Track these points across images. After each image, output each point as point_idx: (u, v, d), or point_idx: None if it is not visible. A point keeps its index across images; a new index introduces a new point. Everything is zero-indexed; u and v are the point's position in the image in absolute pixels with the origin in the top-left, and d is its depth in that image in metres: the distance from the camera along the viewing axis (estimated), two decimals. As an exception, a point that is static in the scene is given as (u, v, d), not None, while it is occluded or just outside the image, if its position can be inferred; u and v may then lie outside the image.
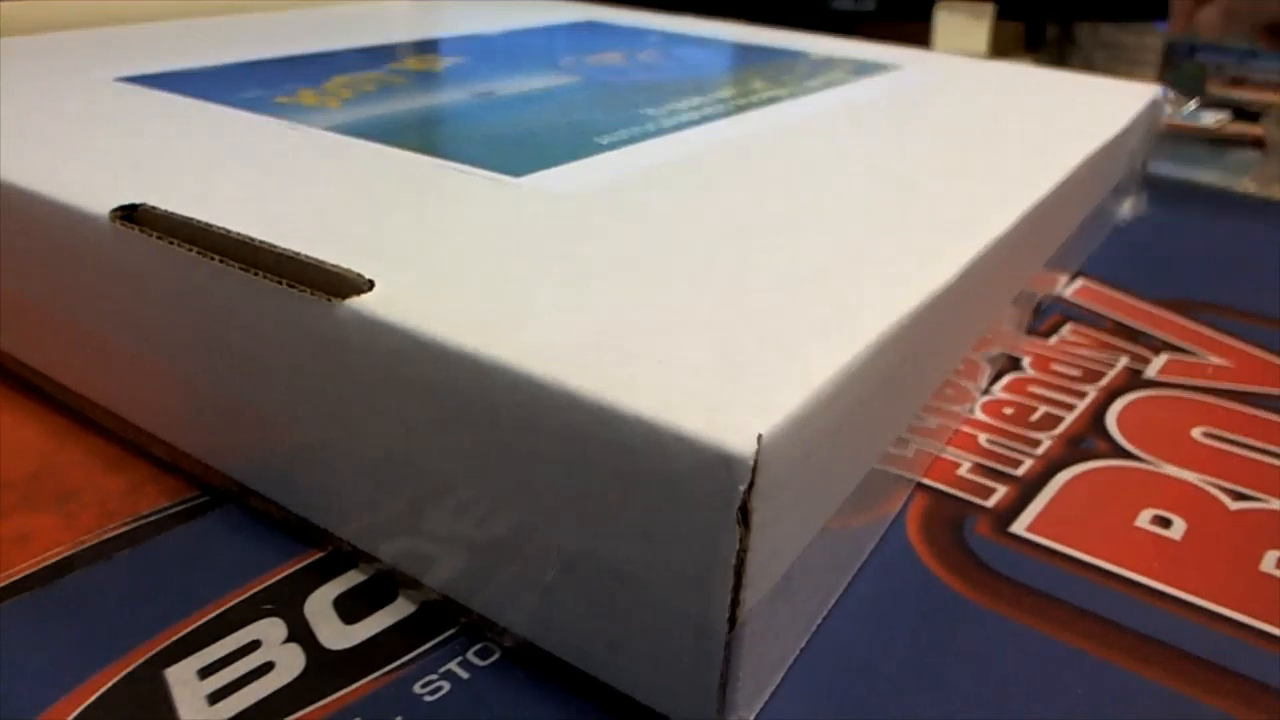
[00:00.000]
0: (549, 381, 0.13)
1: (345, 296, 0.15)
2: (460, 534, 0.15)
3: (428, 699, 0.15)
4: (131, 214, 0.18)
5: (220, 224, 0.17)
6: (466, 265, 0.16)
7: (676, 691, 0.14)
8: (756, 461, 0.12)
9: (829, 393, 0.13)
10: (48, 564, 0.17)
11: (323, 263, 0.16)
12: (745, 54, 0.39)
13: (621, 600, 0.14)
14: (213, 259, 0.16)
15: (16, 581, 0.16)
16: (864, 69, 0.36)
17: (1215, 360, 0.26)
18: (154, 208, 0.18)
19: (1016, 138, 0.27)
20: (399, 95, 0.28)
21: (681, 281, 0.16)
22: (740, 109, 0.28)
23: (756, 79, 0.33)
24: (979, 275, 0.19)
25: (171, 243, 0.17)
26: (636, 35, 0.41)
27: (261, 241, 0.16)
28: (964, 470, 0.21)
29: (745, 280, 0.16)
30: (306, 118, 0.25)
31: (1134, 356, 0.26)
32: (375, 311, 0.15)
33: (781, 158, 0.24)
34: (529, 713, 0.14)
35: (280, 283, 0.15)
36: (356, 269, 0.15)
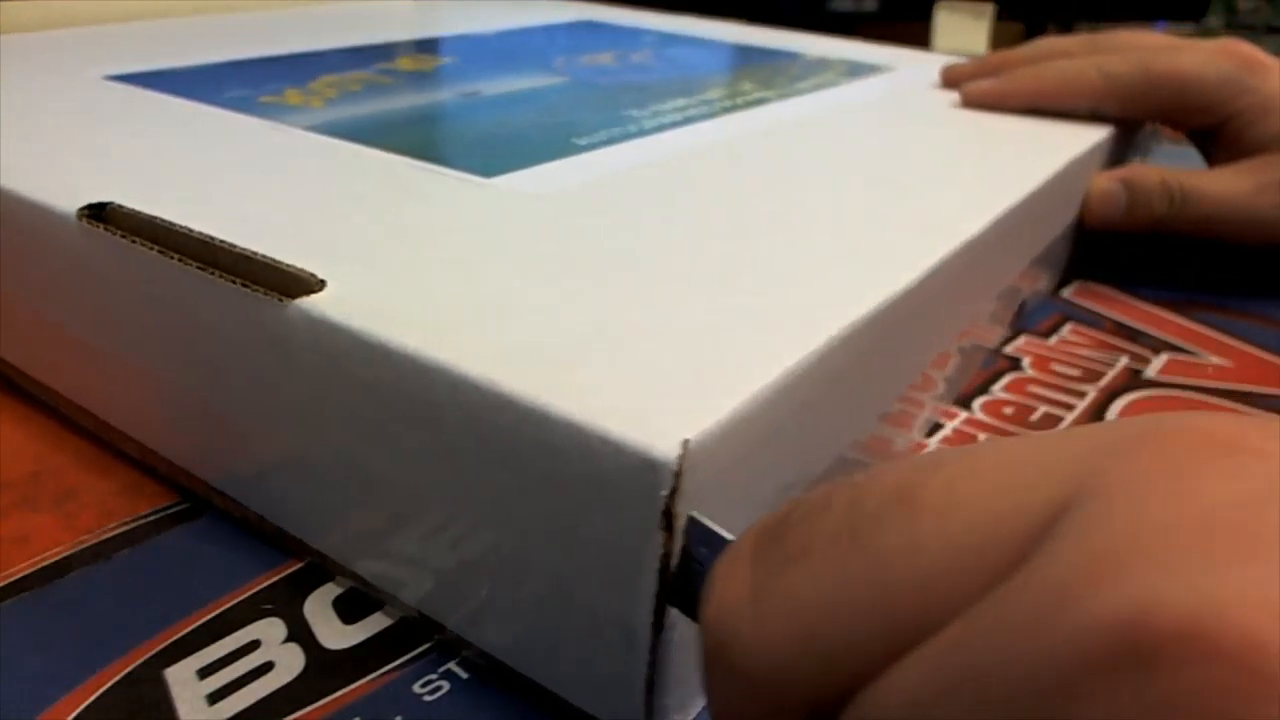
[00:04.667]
0: (484, 383, 0.13)
1: (296, 296, 0.15)
2: (407, 536, 0.15)
3: (427, 699, 0.15)
4: (100, 212, 0.18)
5: (186, 223, 0.17)
6: (421, 266, 0.16)
7: (606, 695, 0.14)
8: (681, 467, 0.12)
9: (768, 398, 0.13)
10: (48, 564, 0.17)
11: (278, 262, 0.16)
12: (740, 55, 0.38)
13: (554, 602, 0.14)
14: (173, 258, 0.16)
15: (16, 581, 0.16)
16: (857, 70, 0.36)
17: (1215, 360, 0.26)
18: (121, 206, 0.18)
19: (1001, 141, 0.27)
20: (384, 95, 0.28)
21: (633, 284, 0.16)
22: (725, 111, 0.28)
23: (746, 80, 0.33)
24: (945, 279, 0.18)
25: (135, 241, 0.17)
26: (633, 35, 0.41)
27: (221, 241, 0.16)
28: (964, 470, 0.21)
29: (698, 284, 0.16)
30: (288, 117, 0.25)
31: (1134, 356, 0.26)
32: (324, 311, 0.15)
33: (757, 161, 0.24)
34: (529, 713, 0.14)
35: (235, 282, 0.15)
36: (314, 268, 0.15)
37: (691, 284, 0.16)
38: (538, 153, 0.23)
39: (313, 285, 0.15)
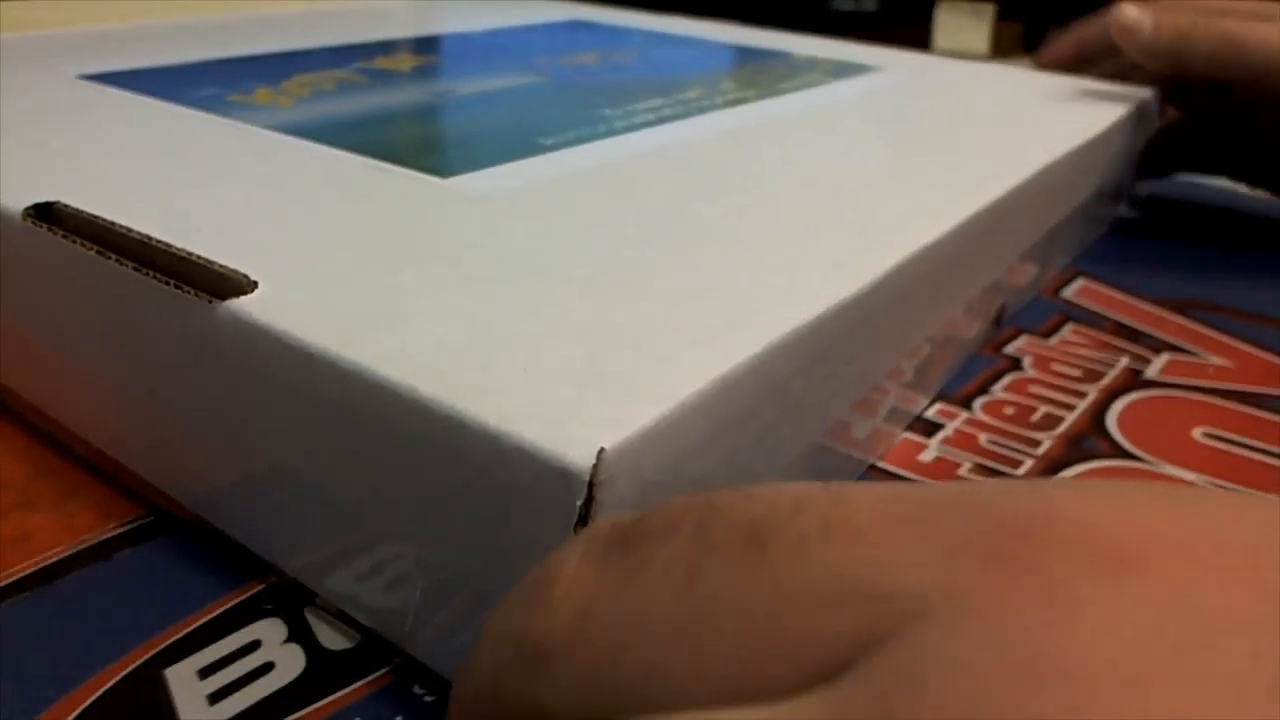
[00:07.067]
0: (402, 388, 0.13)
1: (227, 297, 0.15)
2: (337, 544, 0.15)
3: (428, 699, 0.15)
4: (45, 212, 0.18)
5: (129, 222, 0.17)
6: (355, 267, 0.16)
7: None
8: (595, 477, 0.11)
9: (698, 405, 0.13)
10: (48, 564, 0.17)
11: (211, 262, 0.15)
12: (727, 55, 0.38)
13: (479, 615, 0.13)
14: (110, 258, 0.16)
15: (16, 581, 0.16)
16: (844, 71, 0.35)
17: (1215, 360, 0.26)
18: (66, 205, 0.18)
19: (975, 145, 0.26)
20: (355, 94, 0.28)
21: (570, 287, 0.16)
22: (700, 111, 0.28)
23: (727, 81, 0.33)
24: (899, 285, 0.18)
25: (75, 241, 0.17)
26: (621, 35, 0.41)
27: (158, 240, 0.16)
28: (965, 470, 0.21)
29: (637, 287, 0.16)
30: (253, 116, 0.25)
31: (1134, 356, 0.26)
32: (252, 313, 0.14)
33: (719, 161, 0.23)
34: (529, 713, 0.14)
35: (168, 283, 0.15)
36: (250, 269, 0.15)
37: (626, 288, 0.16)
38: (499, 152, 0.23)
39: (244, 286, 0.15)
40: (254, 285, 0.15)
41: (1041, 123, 0.29)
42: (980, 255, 0.23)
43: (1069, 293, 0.30)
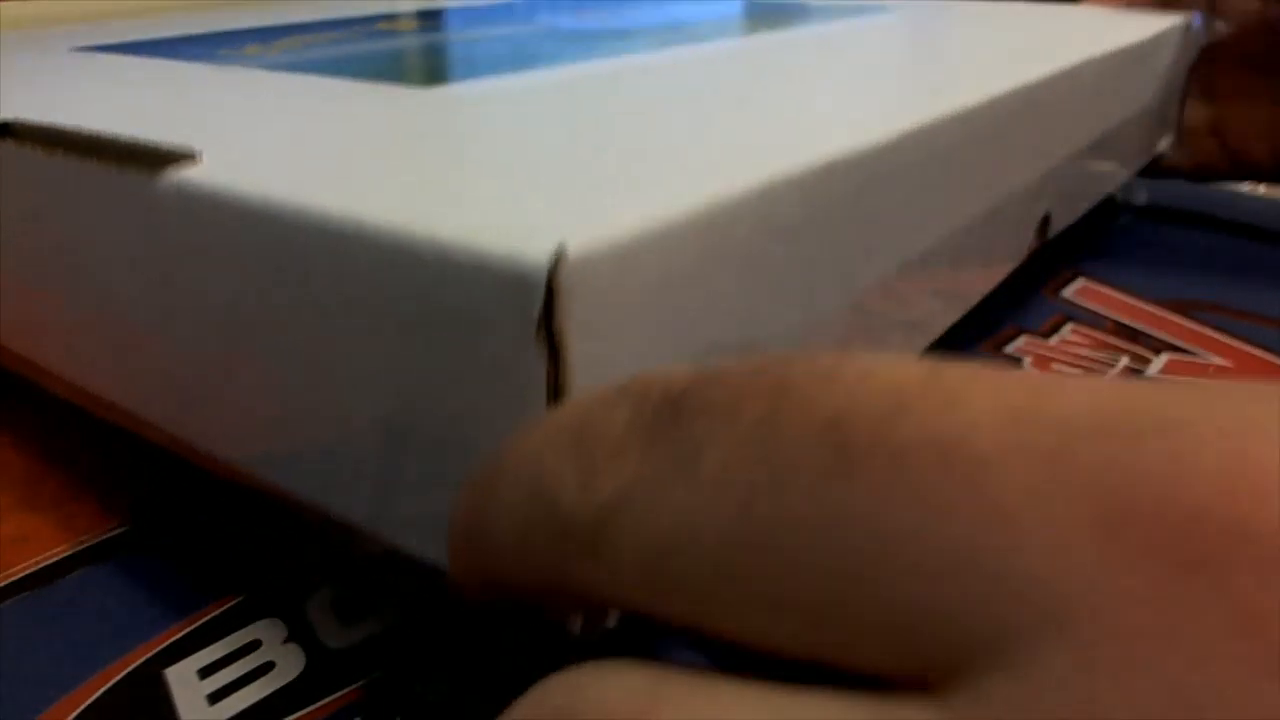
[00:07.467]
0: (346, 219, 0.12)
1: (165, 166, 0.14)
2: (296, 419, 0.14)
3: (429, 699, 0.15)
4: (3, 130, 0.18)
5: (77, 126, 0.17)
6: (312, 144, 0.16)
7: None
8: (555, 280, 0.10)
9: (691, 226, 0.11)
10: (48, 564, 0.17)
11: (156, 145, 0.15)
12: (741, 8, 0.38)
13: (453, 473, 0.12)
14: (57, 154, 0.16)
15: (16, 581, 0.16)
16: (863, 11, 0.35)
17: (1215, 360, 0.26)
18: (24, 120, 0.17)
19: (1018, 41, 0.26)
20: (350, 44, 0.28)
21: (533, 145, 0.15)
22: (697, 41, 0.28)
23: (735, 24, 0.33)
24: (930, 146, 0.17)
25: (28, 147, 0.17)
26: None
27: (106, 135, 0.16)
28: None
29: (628, 131, 0.15)
30: (237, 63, 0.25)
31: (1134, 357, 0.26)
32: (191, 178, 0.14)
33: (730, 61, 0.23)
34: (529, 713, 0.14)
35: (110, 162, 0.15)
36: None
37: (614, 131, 0.15)
38: (486, 70, 0.23)
39: (184, 157, 0.15)
40: (194, 157, 0.15)
41: (1085, 30, 0.29)
42: (1022, 140, 0.22)
43: (1069, 293, 0.30)
